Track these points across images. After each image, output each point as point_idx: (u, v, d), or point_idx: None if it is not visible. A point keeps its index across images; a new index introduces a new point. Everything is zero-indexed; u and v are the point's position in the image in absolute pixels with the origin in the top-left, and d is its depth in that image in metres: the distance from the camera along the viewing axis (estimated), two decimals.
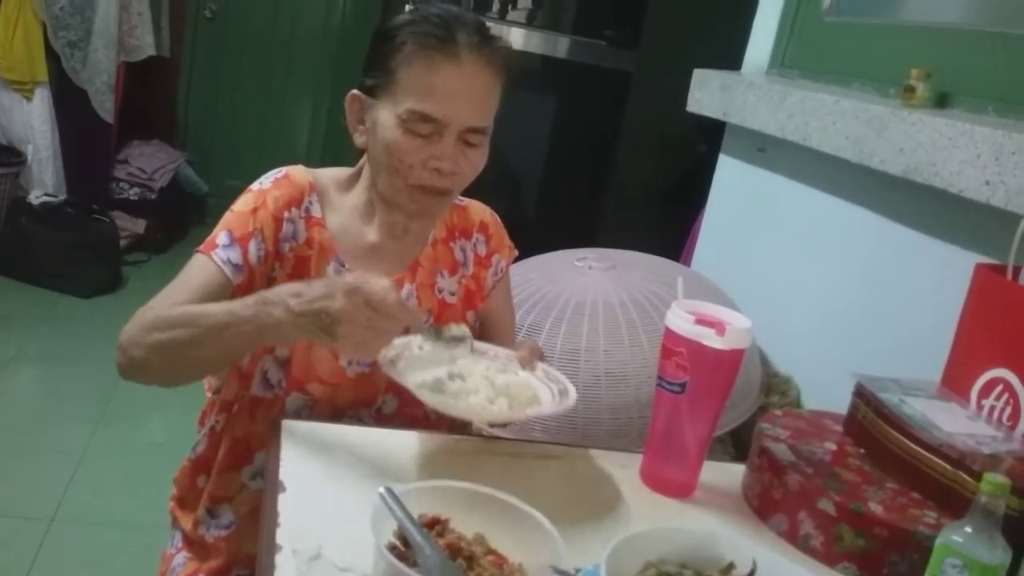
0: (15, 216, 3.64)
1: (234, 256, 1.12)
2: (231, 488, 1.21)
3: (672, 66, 2.31)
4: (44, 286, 3.59)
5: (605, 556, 0.76)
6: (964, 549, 0.80)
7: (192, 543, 1.25)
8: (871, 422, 1.09)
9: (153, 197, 4.23)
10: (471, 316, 1.29)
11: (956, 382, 1.13)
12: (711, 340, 1.00)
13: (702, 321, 1.02)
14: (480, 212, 1.33)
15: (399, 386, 1.21)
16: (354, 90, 1.18)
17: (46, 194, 3.74)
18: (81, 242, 3.62)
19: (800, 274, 1.80)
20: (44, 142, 3.83)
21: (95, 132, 4.00)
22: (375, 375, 1.20)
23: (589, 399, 1.53)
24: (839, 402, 1.18)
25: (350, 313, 0.96)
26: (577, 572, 0.79)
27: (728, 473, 1.14)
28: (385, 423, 1.21)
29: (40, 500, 2.26)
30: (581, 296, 1.65)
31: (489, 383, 1.07)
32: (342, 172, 1.25)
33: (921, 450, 1.01)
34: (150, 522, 2.04)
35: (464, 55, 1.11)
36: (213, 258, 1.12)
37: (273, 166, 1.21)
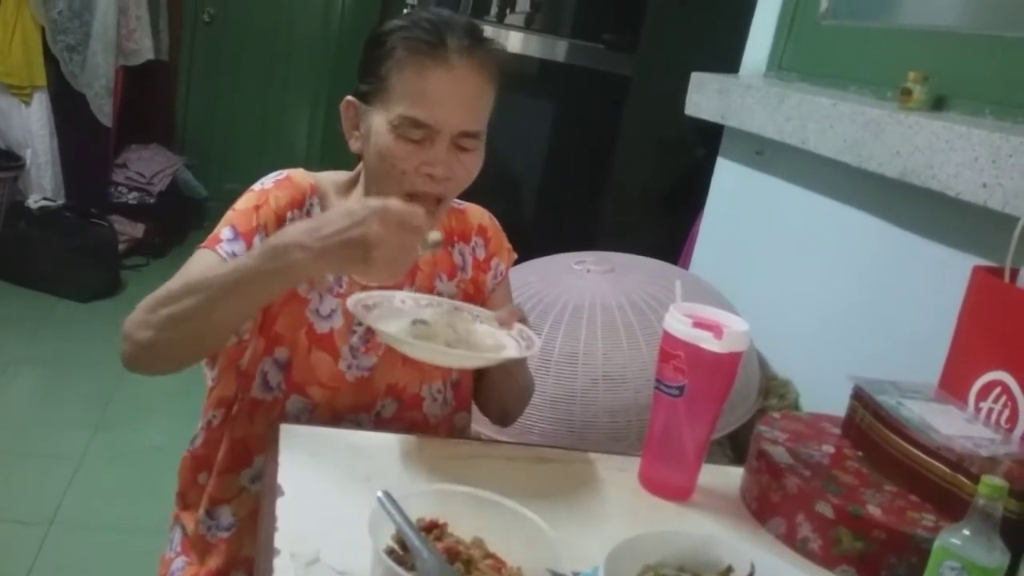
0: (14, 220, 3.65)
1: (239, 250, 1.11)
2: (230, 490, 1.21)
3: (670, 69, 2.31)
4: (43, 290, 3.59)
5: (603, 560, 0.76)
6: (962, 552, 0.80)
7: (192, 544, 1.24)
8: (869, 425, 1.10)
9: (152, 201, 4.23)
10: None
11: (954, 385, 1.13)
12: (709, 343, 1.00)
13: (700, 324, 1.02)
14: (478, 216, 1.33)
15: (398, 390, 1.22)
16: (349, 96, 1.18)
17: (45, 198, 3.74)
18: (80, 246, 3.62)
19: (798, 277, 1.80)
20: (43, 146, 3.83)
21: (94, 136, 4.00)
22: (374, 379, 1.20)
23: (587, 402, 1.53)
24: (837, 405, 1.18)
25: (385, 236, 0.96)
26: None
27: (726, 476, 1.14)
28: (384, 427, 1.20)
29: (38, 504, 2.25)
30: (579, 299, 1.65)
31: (451, 329, 1.08)
32: (341, 176, 1.25)
33: (919, 453, 1.01)
34: (149, 526, 2.04)
35: (454, 59, 1.10)
36: (218, 251, 1.11)
37: (272, 170, 1.21)
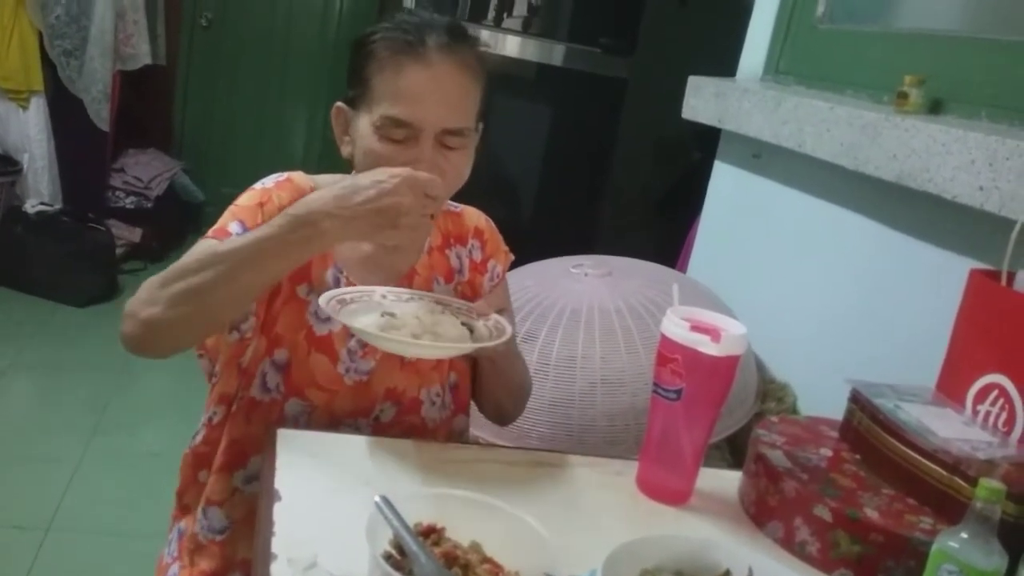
0: (11, 225, 3.64)
1: None
2: (224, 491, 1.20)
3: (667, 73, 2.32)
4: (40, 295, 3.58)
5: (601, 564, 0.76)
6: (960, 555, 0.80)
7: (189, 546, 1.24)
8: (867, 428, 1.09)
9: (149, 206, 4.23)
10: None
11: (951, 388, 1.13)
12: (707, 347, 1.00)
13: (698, 328, 1.02)
14: (475, 218, 1.33)
15: (397, 394, 1.22)
16: (338, 102, 1.19)
17: (42, 203, 3.73)
18: (77, 251, 3.62)
19: (796, 280, 1.81)
20: (40, 151, 3.83)
21: (91, 141, 4.00)
22: (373, 384, 1.20)
23: (585, 406, 1.53)
24: (835, 408, 1.18)
25: (413, 204, 1.01)
26: None
27: (724, 480, 1.14)
28: (383, 432, 1.20)
29: (36, 509, 2.25)
30: (577, 303, 1.65)
31: (417, 321, 1.08)
32: (339, 178, 1.25)
33: (917, 456, 1.01)
34: (146, 531, 2.03)
35: (433, 56, 1.10)
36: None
37: (269, 174, 1.21)
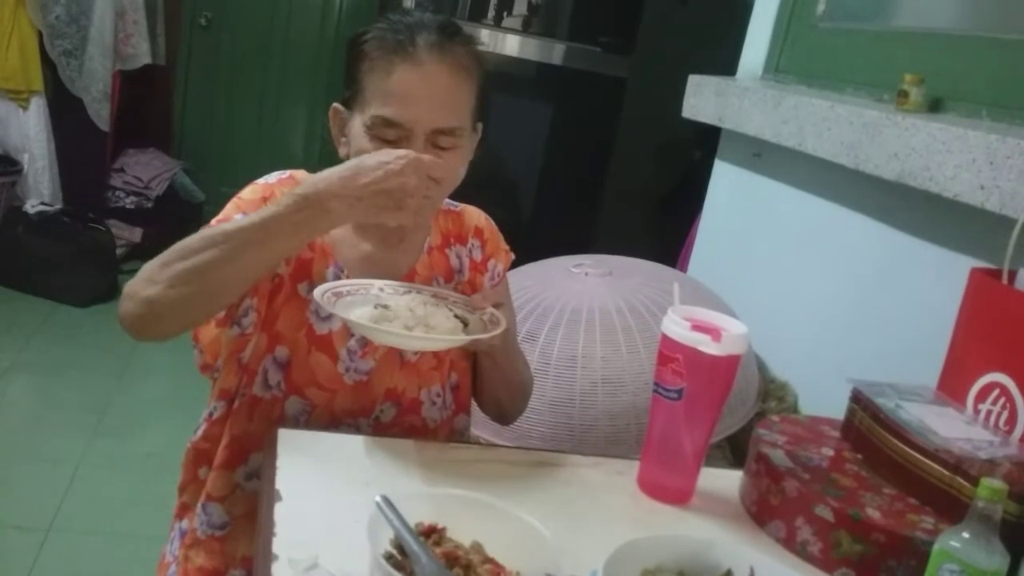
0: (11, 225, 3.64)
1: None
2: (225, 487, 1.20)
3: (667, 72, 2.32)
4: (40, 295, 3.58)
5: (602, 564, 0.76)
6: (962, 554, 0.80)
7: (189, 543, 1.24)
8: (868, 427, 1.09)
9: (149, 206, 4.22)
10: None
11: (952, 387, 1.13)
12: (707, 346, 1.00)
13: (698, 327, 1.02)
14: (475, 217, 1.33)
15: (397, 394, 1.21)
16: (335, 104, 1.19)
17: (42, 203, 3.73)
18: (77, 251, 3.61)
19: (796, 279, 1.80)
20: (40, 151, 3.82)
21: (91, 141, 3.99)
22: (373, 383, 1.20)
23: (586, 406, 1.53)
24: (837, 407, 1.18)
25: (419, 186, 1.02)
26: None
27: (725, 479, 1.14)
28: (383, 432, 1.20)
29: (36, 510, 2.25)
30: (578, 303, 1.65)
31: (411, 313, 1.08)
32: None
33: (918, 455, 1.01)
34: (147, 532, 2.04)
35: (423, 55, 1.10)
36: None
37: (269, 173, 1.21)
